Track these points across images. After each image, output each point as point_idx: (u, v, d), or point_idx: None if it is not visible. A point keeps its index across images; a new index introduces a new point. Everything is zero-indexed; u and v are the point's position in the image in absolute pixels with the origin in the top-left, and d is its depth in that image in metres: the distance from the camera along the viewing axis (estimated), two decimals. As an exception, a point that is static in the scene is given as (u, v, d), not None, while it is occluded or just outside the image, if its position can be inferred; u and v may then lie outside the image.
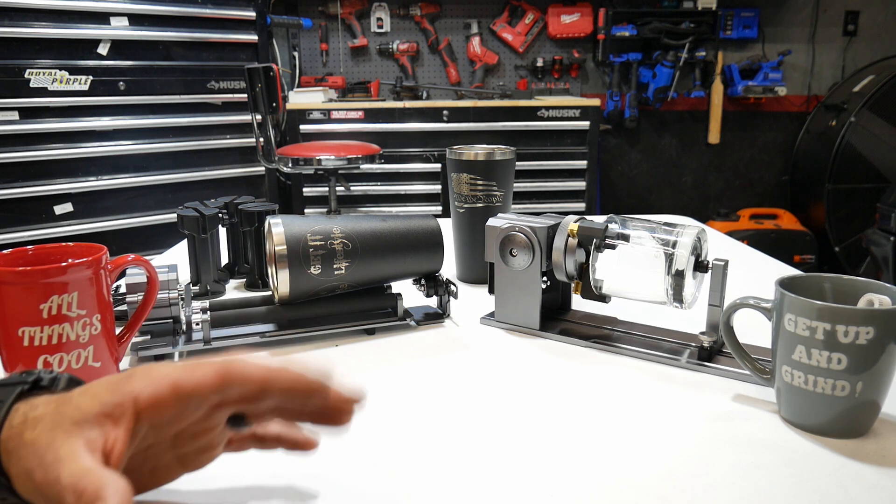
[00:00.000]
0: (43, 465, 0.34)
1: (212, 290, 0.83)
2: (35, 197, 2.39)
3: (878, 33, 3.86)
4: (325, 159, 2.56)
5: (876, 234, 2.88)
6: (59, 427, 0.35)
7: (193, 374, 0.37)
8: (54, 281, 0.52)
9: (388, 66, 3.70)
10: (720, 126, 3.83)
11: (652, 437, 0.51)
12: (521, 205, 3.20)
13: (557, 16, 3.65)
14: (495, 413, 0.55)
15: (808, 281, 0.54)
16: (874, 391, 0.49)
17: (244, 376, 0.37)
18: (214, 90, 2.71)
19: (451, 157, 0.87)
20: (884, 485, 0.44)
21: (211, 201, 0.90)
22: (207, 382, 0.37)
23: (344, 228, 0.68)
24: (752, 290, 0.59)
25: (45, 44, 2.34)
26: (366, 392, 0.39)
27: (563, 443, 0.50)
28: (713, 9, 3.57)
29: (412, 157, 3.18)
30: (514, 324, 0.73)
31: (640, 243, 0.64)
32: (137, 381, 0.37)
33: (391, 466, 0.47)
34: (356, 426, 0.52)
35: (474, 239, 0.87)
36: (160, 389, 0.36)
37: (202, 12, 2.63)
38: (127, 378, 0.37)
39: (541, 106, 3.19)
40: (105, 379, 0.38)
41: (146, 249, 2.52)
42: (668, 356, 0.64)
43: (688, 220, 1.10)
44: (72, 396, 0.37)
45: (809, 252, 3.52)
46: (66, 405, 0.36)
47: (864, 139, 3.41)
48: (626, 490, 0.44)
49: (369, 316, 0.73)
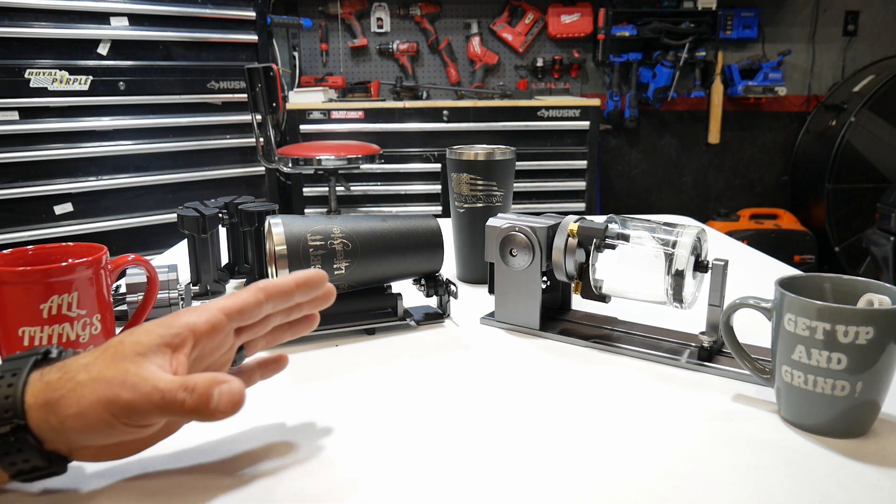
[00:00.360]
0: (128, 385, 0.38)
1: (212, 290, 0.83)
2: (35, 197, 2.39)
3: (878, 33, 3.86)
4: (325, 159, 2.56)
5: (876, 234, 2.88)
6: (124, 359, 0.39)
7: (237, 298, 0.44)
8: (54, 281, 0.52)
9: (388, 66, 3.70)
10: (720, 126, 3.83)
11: (652, 437, 0.51)
12: (521, 205, 3.20)
13: (557, 16, 3.65)
14: (495, 413, 0.55)
15: (808, 281, 0.54)
16: (874, 391, 0.49)
17: (277, 287, 0.45)
18: (214, 90, 2.71)
19: (451, 157, 0.87)
20: (884, 485, 0.44)
21: (211, 201, 0.90)
22: (251, 301, 0.44)
23: (344, 228, 0.68)
24: (752, 290, 0.59)
25: (45, 44, 2.34)
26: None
27: (563, 443, 0.50)
28: (713, 9, 3.57)
29: (412, 157, 3.18)
30: (514, 324, 0.73)
31: (640, 243, 0.64)
32: (188, 315, 0.42)
33: (391, 466, 0.47)
34: (356, 426, 0.52)
35: (474, 239, 0.87)
36: (214, 316, 0.43)
37: (202, 12, 2.63)
38: (175, 316, 0.42)
39: (541, 106, 3.19)
40: (149, 322, 0.42)
41: (146, 249, 2.52)
42: (668, 356, 0.64)
43: (688, 220, 1.10)
44: (119, 339, 0.41)
45: (809, 252, 3.52)
46: (118, 345, 0.40)
47: (864, 139, 3.41)
48: (626, 490, 0.44)
49: (369, 316, 0.73)
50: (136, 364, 0.39)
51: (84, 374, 0.39)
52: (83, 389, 0.38)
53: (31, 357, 0.41)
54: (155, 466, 0.46)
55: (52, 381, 0.39)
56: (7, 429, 0.38)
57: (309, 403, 0.56)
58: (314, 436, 0.51)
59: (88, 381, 0.38)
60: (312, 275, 0.47)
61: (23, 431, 0.38)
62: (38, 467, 0.40)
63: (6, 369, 0.40)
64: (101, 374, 0.39)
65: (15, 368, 0.40)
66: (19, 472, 0.40)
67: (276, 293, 0.45)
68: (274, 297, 0.45)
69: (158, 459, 0.47)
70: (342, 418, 0.53)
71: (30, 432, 0.38)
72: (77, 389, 0.38)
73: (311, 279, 0.47)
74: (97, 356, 0.40)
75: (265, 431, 0.51)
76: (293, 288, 0.46)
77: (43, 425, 0.39)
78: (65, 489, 0.43)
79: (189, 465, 0.47)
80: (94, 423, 0.38)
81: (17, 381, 0.39)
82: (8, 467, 0.39)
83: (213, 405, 0.38)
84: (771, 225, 3.56)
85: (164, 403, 0.38)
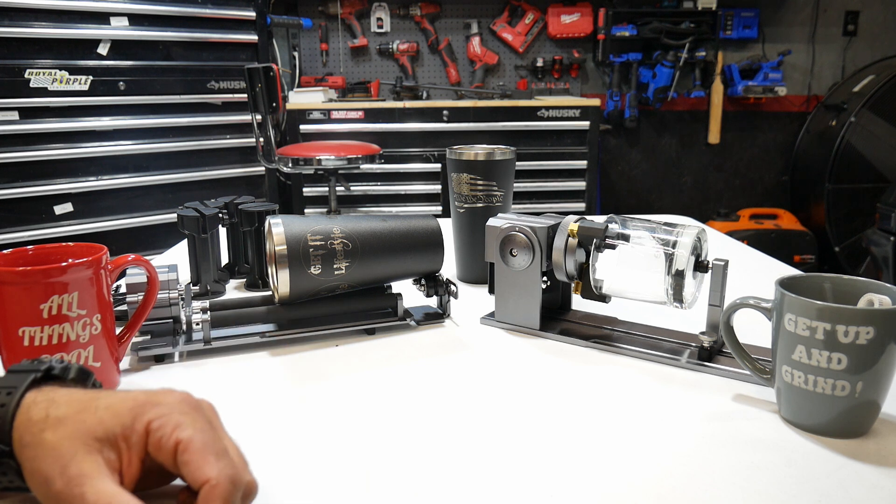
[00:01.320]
0: (65, 476, 0.35)
1: (212, 290, 0.83)
2: (35, 197, 2.39)
3: (878, 33, 3.86)
4: (325, 159, 2.56)
5: (876, 234, 2.88)
6: (81, 440, 0.37)
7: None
8: (55, 281, 0.52)
9: (388, 66, 3.70)
10: (720, 126, 3.83)
11: (652, 437, 0.51)
12: (521, 205, 3.20)
13: (557, 16, 3.65)
14: (495, 413, 0.55)
15: (808, 281, 0.54)
16: (874, 391, 0.49)
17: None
18: (214, 90, 2.71)
19: (451, 157, 0.87)
20: (884, 485, 0.44)
21: (211, 201, 0.90)
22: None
23: (344, 228, 0.68)
24: (752, 290, 0.59)
25: (45, 44, 2.34)
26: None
27: (563, 443, 0.50)
28: (713, 9, 3.57)
29: (412, 157, 3.18)
30: (514, 324, 0.73)
31: (640, 243, 0.64)
32: (159, 409, 0.38)
33: (391, 466, 0.47)
34: (356, 426, 0.52)
35: (474, 239, 0.87)
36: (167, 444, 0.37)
37: (202, 12, 2.63)
38: (152, 404, 0.38)
39: (541, 106, 3.19)
40: (130, 395, 0.39)
41: (146, 249, 2.52)
42: (668, 356, 0.64)
43: (688, 220, 1.10)
44: (96, 406, 0.38)
45: (809, 252, 3.52)
46: (89, 414, 0.38)
47: (864, 139, 3.41)
48: (625, 490, 0.44)
49: (369, 316, 0.73)
50: (87, 450, 0.37)
51: (51, 434, 0.37)
52: (39, 450, 0.37)
53: (31, 374, 0.40)
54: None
55: (32, 418, 0.38)
56: None
57: (309, 403, 0.56)
58: (314, 436, 0.51)
59: (48, 442, 0.37)
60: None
61: (6, 457, 0.37)
62: (22, 487, 0.39)
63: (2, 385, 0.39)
64: (57, 444, 0.37)
65: (11, 386, 0.39)
66: (6, 489, 0.39)
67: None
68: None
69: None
70: (342, 418, 0.53)
71: (13, 458, 0.38)
72: (36, 447, 0.37)
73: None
74: (70, 415, 0.38)
75: (265, 431, 0.51)
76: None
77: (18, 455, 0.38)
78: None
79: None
80: (34, 488, 0.37)
81: (10, 400, 0.38)
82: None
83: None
84: (771, 225, 3.56)
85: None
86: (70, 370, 0.42)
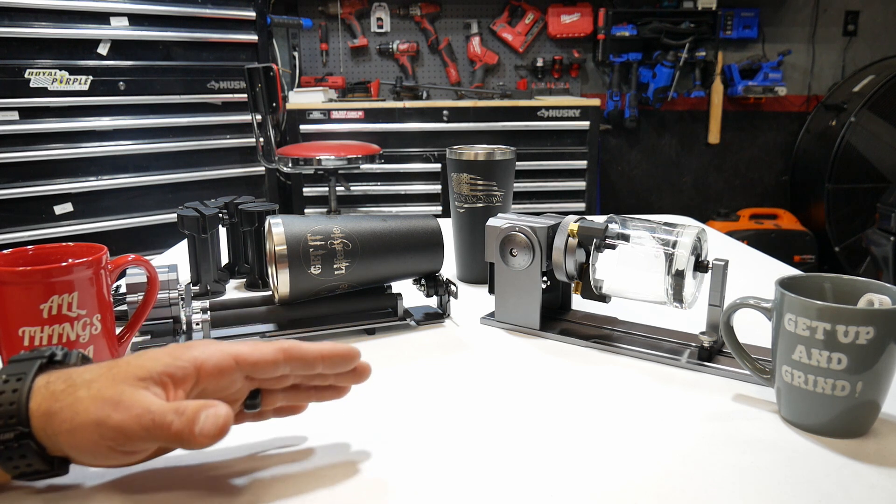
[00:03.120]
0: (122, 406, 0.38)
1: (212, 290, 0.83)
2: (35, 197, 2.39)
3: (878, 33, 3.86)
4: (325, 159, 2.56)
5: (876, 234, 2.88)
6: (124, 381, 0.39)
7: (255, 350, 0.43)
8: (55, 281, 0.52)
9: (388, 66, 3.70)
10: (720, 126, 3.83)
11: (652, 437, 0.51)
12: (521, 205, 3.20)
13: (557, 16, 3.65)
14: (495, 413, 0.55)
15: (808, 281, 0.54)
16: (874, 391, 0.49)
17: (301, 352, 0.44)
18: (214, 90, 2.71)
19: (451, 157, 0.87)
20: (884, 485, 0.44)
21: (211, 201, 0.90)
22: (268, 359, 0.43)
23: (344, 228, 0.68)
24: (752, 290, 0.59)
25: (45, 44, 2.34)
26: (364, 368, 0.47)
27: (562, 443, 0.50)
28: (713, 9, 3.57)
29: (412, 157, 3.18)
30: (514, 324, 0.73)
31: (640, 243, 0.64)
32: (200, 350, 0.41)
33: (391, 466, 0.47)
34: (356, 426, 0.52)
35: (474, 239, 0.87)
36: (224, 360, 0.41)
37: (202, 12, 2.63)
38: (187, 347, 0.42)
39: (541, 106, 3.19)
40: (159, 348, 0.42)
41: (146, 249, 2.52)
42: (668, 356, 0.64)
43: (688, 220, 1.10)
44: (127, 360, 0.41)
45: (809, 252, 3.52)
46: (123, 366, 0.40)
47: (864, 139, 3.41)
48: (625, 490, 0.44)
49: (369, 316, 0.73)
50: (133, 388, 0.39)
51: (85, 391, 0.39)
52: (79, 406, 0.38)
53: (37, 360, 0.41)
54: (156, 465, 0.46)
55: (56, 391, 0.39)
56: (10, 435, 0.38)
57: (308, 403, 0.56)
58: (314, 436, 0.51)
59: (87, 398, 0.38)
60: (342, 350, 0.45)
61: (26, 438, 0.38)
62: (40, 471, 0.40)
63: (11, 373, 0.40)
64: (99, 393, 0.38)
65: (20, 372, 0.40)
66: (22, 475, 0.40)
67: (297, 358, 0.44)
68: (294, 361, 0.44)
69: (160, 459, 0.46)
70: (342, 418, 0.53)
71: (33, 438, 0.39)
72: (74, 405, 0.38)
73: (338, 354, 0.45)
74: (102, 373, 0.40)
75: (265, 431, 0.51)
76: (317, 358, 0.44)
77: (41, 433, 0.39)
78: (66, 486, 0.43)
79: (190, 463, 0.47)
80: (84, 442, 0.38)
81: (21, 385, 0.39)
82: (11, 470, 0.40)
83: (197, 429, 0.37)
84: (771, 225, 3.56)
85: (153, 425, 0.37)
86: (71, 356, 0.43)
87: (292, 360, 0.44)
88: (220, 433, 0.38)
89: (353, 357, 0.46)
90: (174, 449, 0.44)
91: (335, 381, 0.47)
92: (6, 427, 0.38)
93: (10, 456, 0.39)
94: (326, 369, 0.45)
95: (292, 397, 0.48)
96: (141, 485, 0.44)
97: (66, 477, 0.43)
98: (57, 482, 0.44)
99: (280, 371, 0.44)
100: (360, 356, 0.46)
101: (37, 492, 0.43)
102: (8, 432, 0.38)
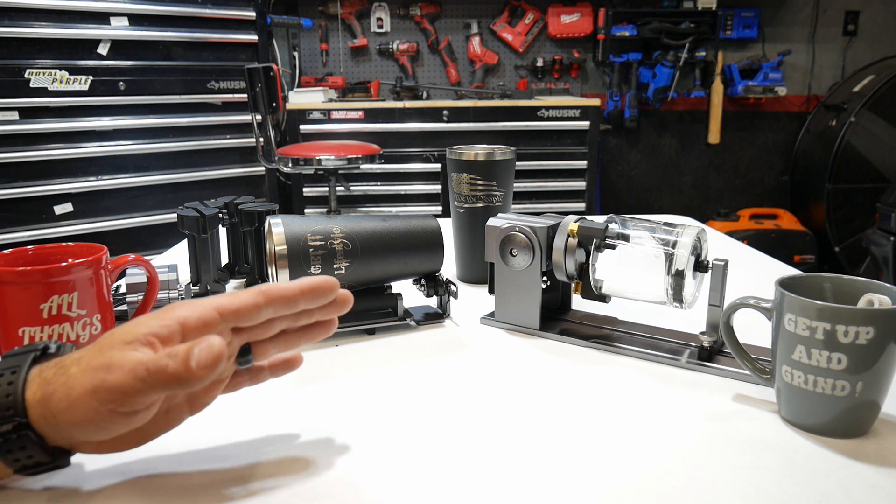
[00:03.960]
0: (114, 367, 0.38)
1: (212, 290, 0.83)
2: (35, 197, 2.39)
3: (878, 33, 3.86)
4: (325, 159, 2.56)
5: (876, 234, 2.88)
6: (112, 347, 0.39)
7: (235, 298, 0.43)
8: (55, 281, 0.52)
9: (388, 66, 3.70)
10: (720, 126, 3.83)
11: (652, 437, 0.51)
12: (521, 205, 3.20)
13: (557, 16, 3.65)
14: (495, 413, 0.55)
15: (808, 281, 0.54)
16: (874, 391, 0.49)
17: (279, 291, 0.44)
18: (214, 90, 2.71)
19: (451, 157, 0.87)
20: (884, 485, 0.44)
21: (211, 201, 0.90)
22: (250, 303, 0.43)
23: (344, 228, 0.68)
24: (752, 290, 0.59)
25: (45, 44, 2.34)
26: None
27: (562, 443, 0.50)
28: (713, 9, 3.57)
29: (412, 157, 3.18)
30: (514, 324, 0.73)
31: (640, 243, 0.64)
32: (181, 308, 0.42)
33: (391, 466, 0.47)
34: (356, 426, 0.52)
35: (474, 239, 0.87)
36: (207, 312, 0.42)
37: (202, 12, 2.63)
38: (168, 309, 0.42)
39: (541, 106, 3.19)
40: (143, 315, 0.42)
41: (146, 249, 2.52)
42: (668, 356, 0.64)
43: (688, 220, 1.10)
44: (112, 331, 0.41)
45: (809, 252, 3.52)
46: (108, 336, 0.40)
47: (864, 139, 3.41)
48: (625, 490, 0.44)
49: (369, 316, 0.73)
50: (122, 350, 0.39)
51: (76, 367, 0.39)
52: (73, 381, 0.38)
53: (30, 353, 0.41)
54: (156, 466, 0.46)
55: (48, 376, 0.39)
56: (9, 427, 0.38)
57: (309, 403, 0.56)
58: (314, 436, 0.51)
59: (78, 372, 0.39)
60: (320, 282, 0.45)
61: (25, 429, 0.39)
62: (41, 462, 0.40)
63: (6, 366, 0.40)
64: (89, 364, 0.39)
65: (14, 366, 0.40)
66: (23, 468, 0.40)
67: (277, 298, 0.43)
68: (275, 301, 0.43)
69: (160, 459, 0.47)
70: (342, 418, 0.53)
71: (31, 429, 0.39)
72: (68, 382, 0.39)
73: (317, 286, 0.45)
74: (89, 348, 0.40)
75: (265, 432, 0.51)
76: (297, 294, 0.44)
77: (41, 421, 0.39)
78: (66, 486, 0.43)
79: (189, 464, 0.47)
80: (84, 414, 0.38)
81: (16, 378, 0.39)
82: (11, 463, 0.40)
83: (193, 362, 0.37)
84: (771, 225, 3.56)
85: (148, 373, 0.37)
86: (65, 349, 0.43)
87: (273, 301, 0.43)
88: (216, 361, 0.38)
89: (332, 287, 0.46)
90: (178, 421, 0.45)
91: (320, 316, 0.47)
92: (4, 419, 0.38)
93: (9, 448, 0.39)
94: (308, 304, 0.45)
95: (282, 344, 0.47)
96: (141, 486, 0.44)
97: (65, 479, 0.43)
98: (57, 484, 0.44)
99: (264, 315, 0.43)
100: (339, 286, 0.46)
101: (37, 493, 0.43)
102: (6, 424, 0.38)
